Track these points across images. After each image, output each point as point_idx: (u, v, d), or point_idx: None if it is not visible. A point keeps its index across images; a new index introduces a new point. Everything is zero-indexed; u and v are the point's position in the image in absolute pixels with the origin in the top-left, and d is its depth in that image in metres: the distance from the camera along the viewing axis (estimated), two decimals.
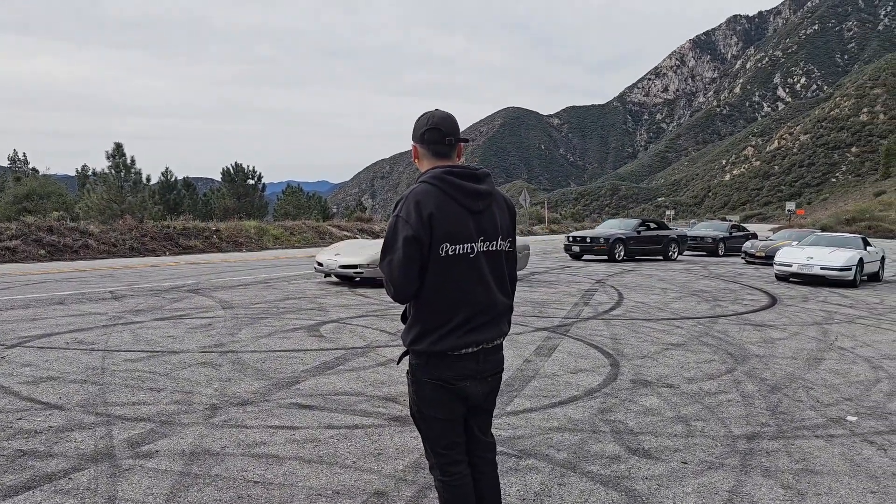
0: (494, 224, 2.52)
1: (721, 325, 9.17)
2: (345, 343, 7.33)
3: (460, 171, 2.46)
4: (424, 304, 2.44)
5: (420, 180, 2.47)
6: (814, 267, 15.14)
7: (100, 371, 5.84)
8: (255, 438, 4.31)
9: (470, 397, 2.52)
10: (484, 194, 2.49)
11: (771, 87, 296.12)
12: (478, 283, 2.47)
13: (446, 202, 2.41)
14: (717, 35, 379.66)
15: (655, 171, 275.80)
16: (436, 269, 2.40)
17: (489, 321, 2.52)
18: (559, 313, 9.84)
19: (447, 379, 2.46)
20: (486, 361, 2.53)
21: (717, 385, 5.98)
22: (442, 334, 2.43)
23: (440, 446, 2.54)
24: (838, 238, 17.35)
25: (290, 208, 41.17)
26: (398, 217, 2.39)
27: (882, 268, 17.13)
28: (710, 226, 29.30)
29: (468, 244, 2.44)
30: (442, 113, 2.53)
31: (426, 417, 2.53)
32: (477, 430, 2.63)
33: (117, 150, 30.16)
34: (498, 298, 2.54)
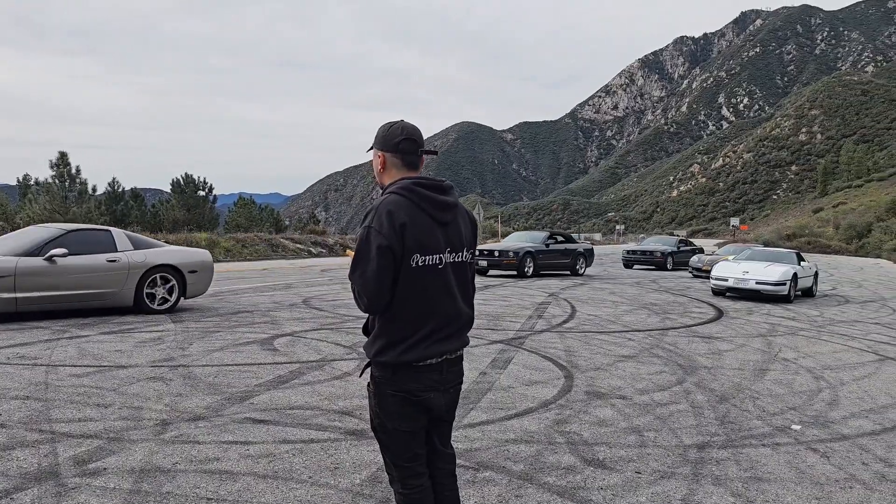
0: (460, 235, 2.55)
1: (671, 338, 9.37)
2: (299, 356, 7.25)
3: (429, 183, 2.48)
4: (392, 316, 2.44)
5: (389, 191, 2.47)
6: (749, 281, 15.24)
7: (43, 387, 5.65)
8: (207, 454, 4.22)
9: (433, 409, 2.52)
10: (451, 206, 2.52)
11: (716, 107, 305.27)
12: (445, 295, 2.49)
13: (417, 213, 2.42)
14: (664, 55, 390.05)
15: (606, 186, 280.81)
16: (406, 280, 2.40)
17: (454, 332, 2.54)
18: (513, 326, 9.92)
19: (411, 391, 2.45)
20: (449, 372, 2.54)
21: (668, 396, 6.11)
22: (409, 345, 2.43)
23: (402, 459, 2.53)
24: (773, 253, 17.53)
25: (242, 220, 40.55)
26: (370, 228, 2.38)
27: (815, 283, 17.36)
28: (659, 240, 29.99)
29: (437, 255, 2.46)
30: (410, 124, 2.56)
31: (388, 430, 2.51)
32: (437, 441, 2.64)
33: (62, 159, 29.31)
34: (462, 309, 2.57)
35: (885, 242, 40.41)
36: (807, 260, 17.57)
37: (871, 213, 50.05)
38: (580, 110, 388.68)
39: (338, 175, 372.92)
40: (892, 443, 4.99)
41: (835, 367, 7.67)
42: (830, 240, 48.33)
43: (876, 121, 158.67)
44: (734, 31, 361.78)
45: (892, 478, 4.29)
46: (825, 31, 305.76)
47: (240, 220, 40.27)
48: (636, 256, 26.89)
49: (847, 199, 73.30)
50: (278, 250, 26.13)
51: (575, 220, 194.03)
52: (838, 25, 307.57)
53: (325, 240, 30.23)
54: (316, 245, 28.78)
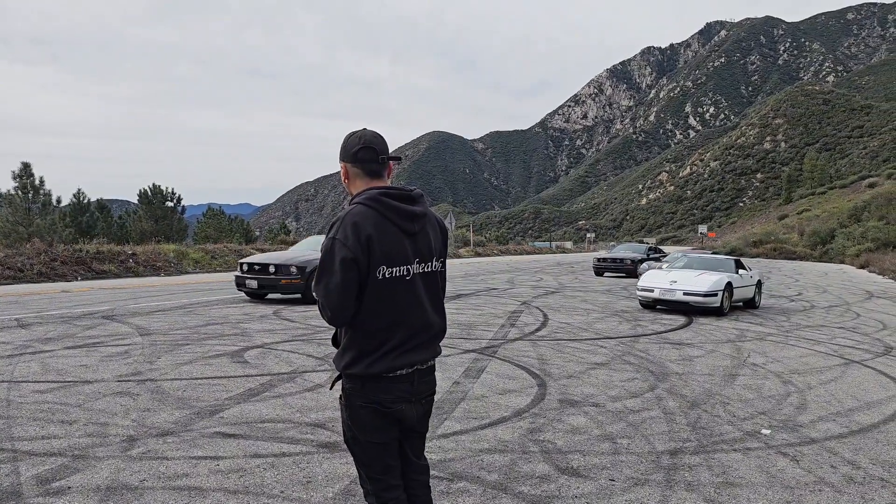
0: (429, 245, 2.53)
1: (642, 345, 9.44)
2: (270, 369, 7.15)
3: (396, 193, 2.46)
4: (360, 327, 2.42)
5: (355, 202, 2.45)
6: (676, 292, 13.45)
7: (5, 404, 5.49)
8: (176, 470, 4.13)
9: (405, 420, 2.50)
10: (419, 216, 2.50)
11: (683, 116, 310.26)
12: (414, 305, 2.47)
13: (383, 224, 2.40)
14: (632, 65, 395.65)
15: (576, 195, 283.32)
16: (373, 291, 2.38)
17: (424, 343, 2.52)
18: (486, 335, 9.91)
19: (382, 402, 2.43)
20: (421, 383, 2.52)
21: (640, 403, 6.14)
22: (377, 357, 2.40)
23: (375, 472, 2.50)
24: (710, 260, 15.77)
25: (212, 231, 40.09)
26: (335, 239, 2.35)
27: (758, 293, 15.60)
28: (629, 248, 30.23)
29: (405, 266, 2.44)
30: (372, 131, 2.53)
31: (361, 442, 2.49)
32: (410, 453, 2.61)
33: (25, 170, 28.70)
34: (433, 320, 2.55)
35: (848, 248, 41.30)
36: (749, 268, 15.85)
37: (834, 219, 51.16)
38: (550, 119, 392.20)
39: (308, 185, 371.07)
40: (860, 445, 5.07)
41: (802, 372, 7.79)
42: (796, 246, 49.26)
43: (837, 129, 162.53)
44: (700, 41, 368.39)
45: (859, 480, 4.35)
46: (787, 42, 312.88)
47: (209, 231, 39.81)
48: (606, 264, 27.03)
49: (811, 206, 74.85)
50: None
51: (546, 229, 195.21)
52: (800, 36, 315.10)
53: None
54: None
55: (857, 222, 47.14)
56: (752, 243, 52.15)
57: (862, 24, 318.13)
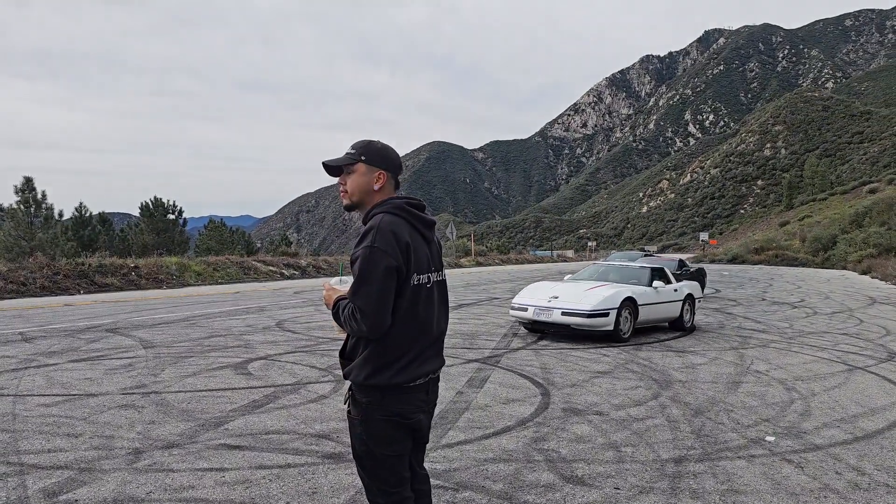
0: (439, 254, 2.61)
1: (645, 352, 9.44)
2: (274, 380, 7.16)
3: (415, 202, 2.52)
4: (386, 337, 2.37)
5: (383, 211, 2.44)
6: (553, 311, 10.51)
7: (10, 417, 5.51)
8: (182, 482, 4.14)
9: (420, 430, 2.51)
10: (433, 224, 2.57)
11: (682, 124, 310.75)
12: (433, 314, 2.51)
13: (413, 233, 2.44)
14: (631, 74, 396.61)
15: (577, 203, 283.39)
16: (403, 300, 2.38)
17: (437, 351, 2.56)
18: (489, 344, 9.92)
19: (403, 413, 2.41)
20: (432, 392, 2.55)
21: (644, 411, 6.15)
22: (401, 367, 2.38)
23: (390, 485, 2.46)
24: (626, 271, 12.58)
25: (213, 243, 40.12)
26: (374, 248, 2.31)
27: (691, 311, 12.35)
28: (625, 255, 29.69)
29: (427, 274, 2.47)
30: None
31: (376, 457, 2.44)
32: (415, 463, 2.63)
33: (27, 185, 28.76)
34: (443, 328, 2.61)
35: (850, 254, 41.29)
36: (673, 280, 12.72)
37: (836, 225, 51.13)
38: (550, 129, 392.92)
39: (309, 196, 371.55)
40: (864, 451, 5.07)
41: (806, 378, 7.78)
42: (797, 252, 49.22)
43: (837, 135, 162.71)
44: (698, 49, 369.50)
45: (864, 486, 4.36)
46: (786, 49, 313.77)
47: (210, 244, 39.85)
48: None
49: (812, 213, 74.87)
50: (250, 273, 25.87)
51: (547, 238, 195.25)
52: (798, 43, 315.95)
53: (298, 261, 30.01)
54: (288, 267, 28.56)
55: (858, 228, 47.11)
56: (753, 250, 52.10)
57: (860, 30, 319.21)
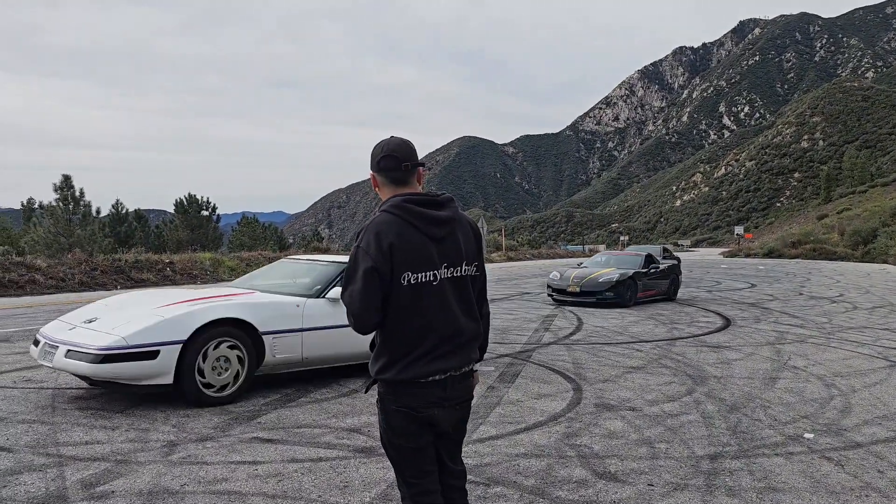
0: (458, 250, 2.52)
1: (679, 348, 9.31)
2: (306, 374, 7.20)
3: (420, 199, 2.47)
4: (390, 334, 2.45)
5: (381, 210, 2.48)
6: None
7: (50, 410, 5.63)
8: (215, 475, 4.19)
9: (438, 425, 2.50)
10: (445, 220, 2.49)
11: (716, 116, 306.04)
12: (442, 311, 2.47)
13: (407, 230, 2.41)
14: (664, 66, 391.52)
15: (608, 197, 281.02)
16: (399, 298, 2.40)
17: (456, 348, 2.51)
18: (520, 339, 9.87)
19: (415, 407, 2.44)
20: (454, 389, 2.51)
21: (678, 407, 6.06)
22: (408, 362, 2.42)
23: (411, 476, 2.51)
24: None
25: (246, 239, 40.63)
26: (358, 248, 2.40)
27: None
28: (640, 250, 27.08)
29: (431, 272, 2.44)
30: (397, 139, 2.54)
31: (396, 447, 2.50)
32: (446, 457, 2.61)
33: (65, 183, 29.45)
34: (465, 325, 2.53)
35: (891, 248, 40.25)
36: None
37: (876, 218, 49.90)
38: (581, 122, 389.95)
39: (340, 192, 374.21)
40: None
41: (846, 375, 7.60)
42: (836, 246, 48.14)
43: (878, 126, 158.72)
44: (733, 40, 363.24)
45: None
46: (824, 39, 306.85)
47: (243, 240, 40.36)
48: None
49: (851, 205, 73.16)
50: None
51: (579, 232, 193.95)
52: (837, 32, 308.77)
53: None
54: None
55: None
56: (790, 244, 51.10)
57: None
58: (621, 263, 16.06)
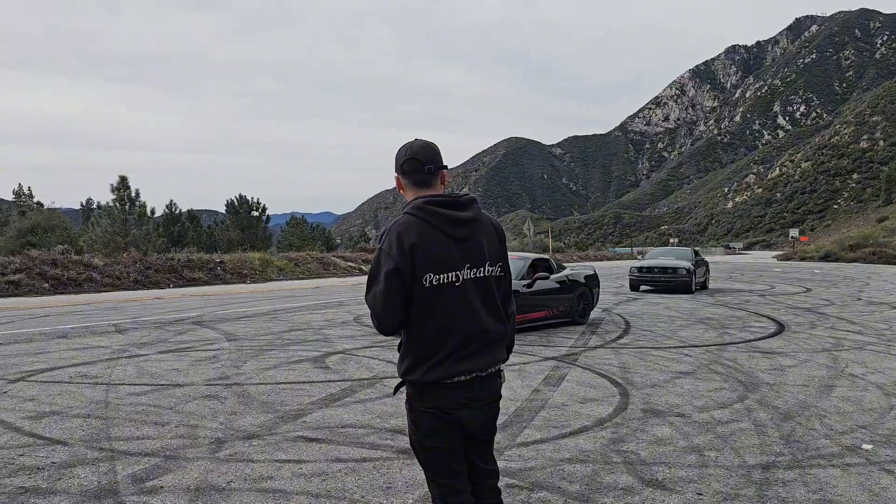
0: (481, 250, 2.51)
1: (730, 353, 9.08)
2: (351, 374, 7.26)
3: (442, 200, 2.46)
4: (414, 335, 2.46)
5: (403, 212, 2.49)
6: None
7: (103, 405, 5.78)
8: (261, 473, 4.24)
9: (466, 425, 2.50)
10: (467, 221, 2.49)
11: (771, 116, 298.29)
12: (465, 312, 2.47)
13: (429, 232, 2.41)
14: (716, 65, 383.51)
15: (658, 199, 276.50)
16: (421, 299, 2.41)
17: (481, 349, 2.50)
18: (566, 342, 9.76)
19: (442, 407, 2.45)
20: (481, 389, 2.51)
21: (728, 414, 5.89)
22: (433, 364, 2.43)
23: (440, 476, 2.51)
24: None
25: (294, 239, 41.26)
26: (381, 250, 2.42)
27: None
28: (671, 253, 23.54)
29: (453, 273, 2.44)
30: (421, 142, 2.55)
31: (425, 447, 2.51)
32: (477, 458, 2.61)
33: (122, 183, 30.33)
34: (489, 325, 2.53)
35: None
36: None
37: None
38: (630, 123, 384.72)
39: (388, 193, 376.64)
40: None
41: None
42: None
43: None
44: (788, 37, 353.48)
45: None
46: (885, 35, 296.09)
47: (292, 240, 40.99)
48: (650, 276, 20.47)
49: None
50: (330, 268, 26.43)
51: (627, 234, 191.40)
52: None
53: None
54: (367, 263, 29.04)
55: None
56: (848, 247, 49.45)
57: None
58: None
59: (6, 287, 16.66)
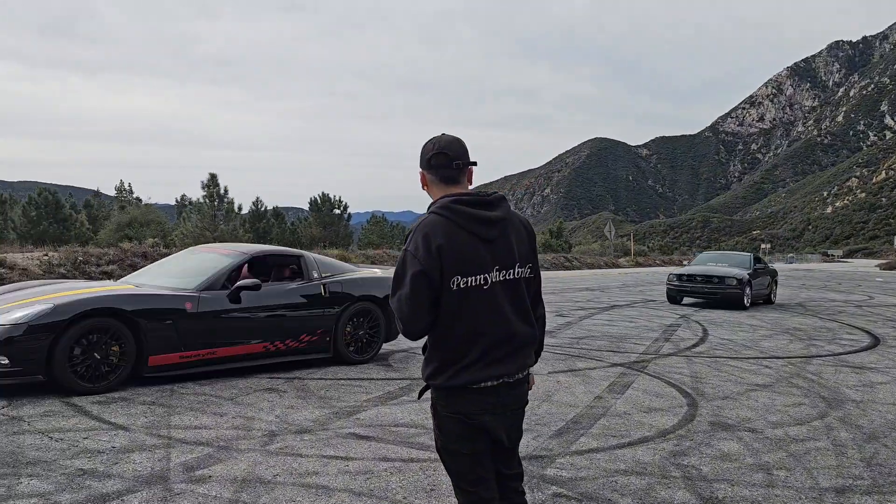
0: (511, 251, 2.40)
1: (815, 366, 8.53)
2: (411, 373, 7.23)
3: (470, 199, 2.36)
4: (439, 339, 2.37)
5: (429, 211, 2.40)
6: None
7: (169, 393, 5.96)
8: (308, 468, 4.24)
9: (490, 431, 2.40)
10: (496, 221, 2.38)
11: (877, 116, 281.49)
12: (494, 315, 2.36)
13: (456, 232, 2.32)
14: (817, 62, 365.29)
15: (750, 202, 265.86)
16: (448, 302, 2.32)
17: (510, 354, 2.40)
18: (637, 349, 9.43)
19: (467, 413, 2.36)
20: (508, 395, 2.41)
21: (805, 431, 5.51)
22: (459, 368, 2.34)
23: (466, 483, 2.43)
24: None
25: (374, 237, 41.93)
26: (406, 251, 2.33)
27: None
28: (723, 259, 19.62)
29: (481, 275, 2.34)
30: (449, 137, 2.46)
31: (450, 452, 2.44)
32: (500, 464, 2.52)
33: (212, 181, 31.58)
34: (518, 329, 2.42)
35: None
36: None
37: None
38: (722, 123, 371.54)
39: None
40: None
41: None
42: None
43: None
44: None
45: None
46: None
47: (372, 238, 41.67)
48: (691, 286, 17.03)
49: None
50: None
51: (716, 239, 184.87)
52: None
53: None
54: None
55: None
56: None
57: None
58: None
59: (100, 277, 17.59)
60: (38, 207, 41.14)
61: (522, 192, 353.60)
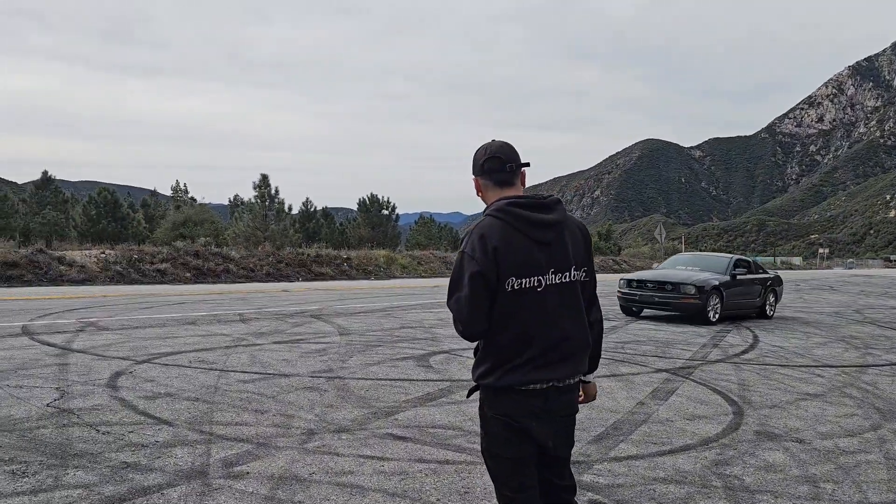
0: (566, 254, 2.38)
1: (870, 376, 8.22)
2: (451, 375, 7.23)
3: (526, 202, 2.36)
4: (492, 340, 2.36)
5: (486, 213, 2.41)
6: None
7: (213, 390, 6.08)
8: (344, 467, 4.27)
9: (535, 437, 2.36)
10: (552, 224, 2.37)
11: None
12: (547, 318, 2.34)
13: (512, 235, 2.31)
14: (881, 60, 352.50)
15: (808, 206, 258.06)
16: (503, 303, 2.31)
17: (562, 358, 2.37)
18: (684, 354, 9.24)
19: (511, 415, 2.34)
20: (556, 401, 2.37)
21: (856, 443, 5.31)
22: (509, 369, 2.33)
23: (507, 489, 2.40)
24: None
25: (422, 238, 42.09)
26: (464, 253, 2.33)
27: None
28: (691, 262, 16.23)
29: (536, 277, 2.33)
30: (499, 142, 2.48)
31: (494, 455, 2.41)
32: (550, 474, 2.48)
33: (263, 181, 32.16)
34: (572, 333, 2.38)
35: None
36: None
37: None
38: (779, 124, 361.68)
39: None
40: None
41: None
42: None
43: None
44: None
45: None
46: None
47: (419, 238, 41.82)
48: (641, 294, 14.18)
49: None
50: (451, 267, 26.70)
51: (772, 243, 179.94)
52: None
53: None
54: None
55: None
56: None
57: None
58: None
59: (154, 275, 18.11)
60: (98, 206, 42.65)
61: (572, 193, 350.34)
